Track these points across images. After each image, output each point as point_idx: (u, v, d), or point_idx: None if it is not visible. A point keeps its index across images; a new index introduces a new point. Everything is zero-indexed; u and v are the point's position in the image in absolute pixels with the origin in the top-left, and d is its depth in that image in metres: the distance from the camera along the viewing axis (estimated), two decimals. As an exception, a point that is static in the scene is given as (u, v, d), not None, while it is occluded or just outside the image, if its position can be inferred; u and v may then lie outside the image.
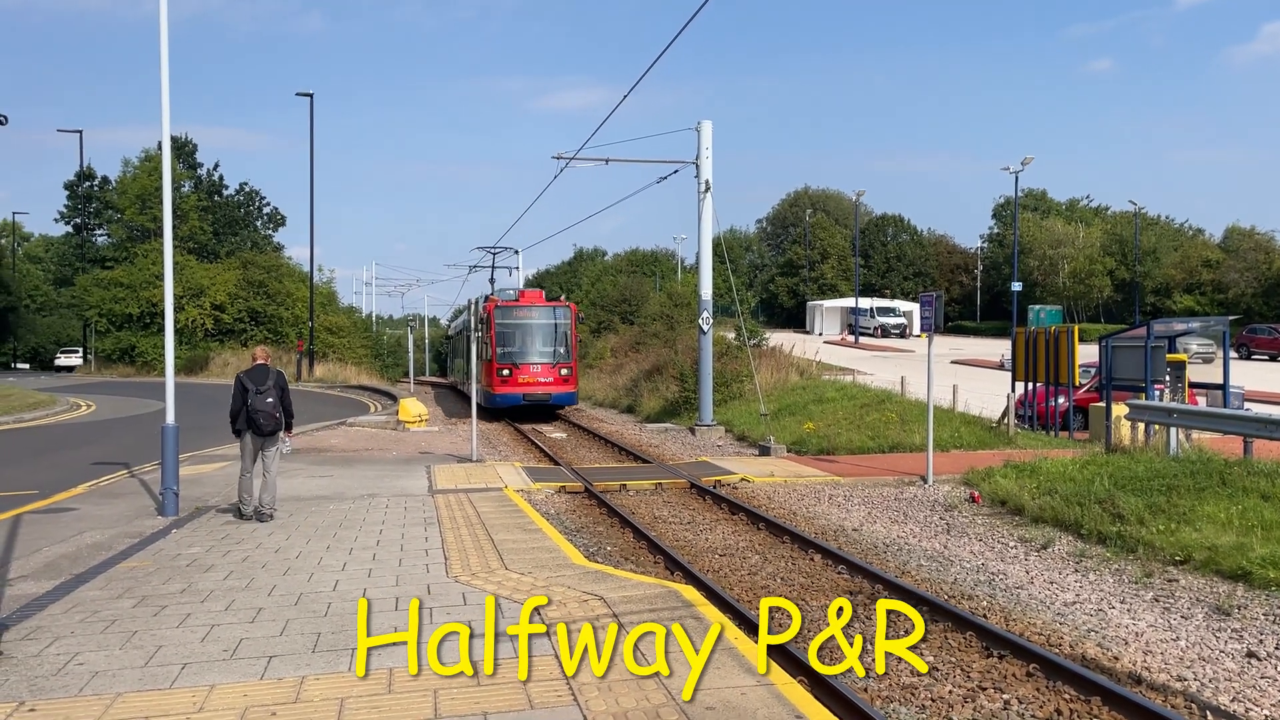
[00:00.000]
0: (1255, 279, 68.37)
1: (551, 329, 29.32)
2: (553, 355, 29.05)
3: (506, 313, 29.19)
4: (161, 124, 12.52)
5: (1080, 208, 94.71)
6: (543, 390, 28.68)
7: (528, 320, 29.22)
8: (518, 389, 28.39)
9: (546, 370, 28.79)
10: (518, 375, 28.42)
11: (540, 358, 28.91)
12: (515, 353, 28.70)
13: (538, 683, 5.96)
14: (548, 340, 29.20)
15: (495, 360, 28.54)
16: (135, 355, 61.91)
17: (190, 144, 70.22)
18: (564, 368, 29.06)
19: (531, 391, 28.53)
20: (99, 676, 6.20)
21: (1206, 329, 25.22)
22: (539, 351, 28.97)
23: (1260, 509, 10.91)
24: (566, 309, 29.94)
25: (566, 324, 29.53)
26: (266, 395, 11.47)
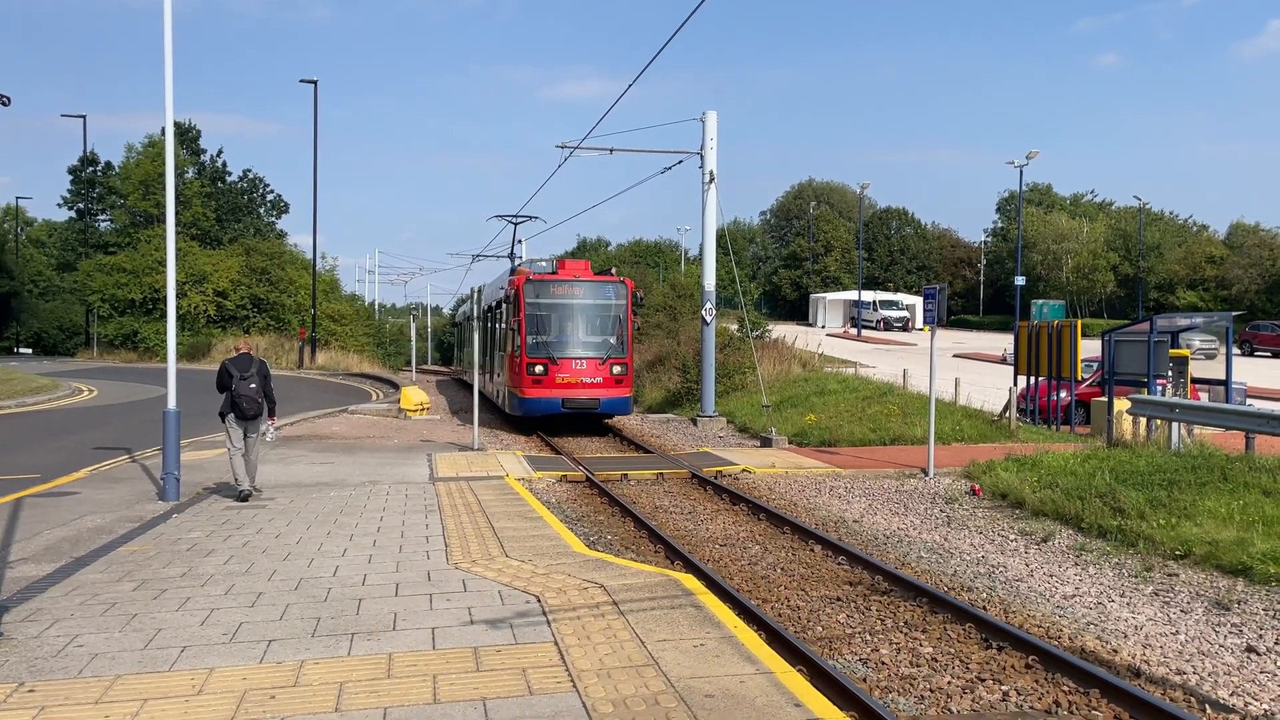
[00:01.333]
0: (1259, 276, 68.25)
1: (602, 312, 22.22)
2: (602, 347, 21.84)
3: (541, 289, 21.89)
4: (165, 110, 12.51)
5: (1084, 203, 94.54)
6: (589, 394, 21.50)
7: (570, 299, 22.08)
8: (555, 392, 21.32)
9: (594, 367, 21.55)
10: (555, 373, 21.26)
11: (586, 350, 21.71)
12: (552, 343, 21.61)
13: (537, 669, 5.97)
14: (596, 326, 22.11)
15: (525, 353, 21.27)
16: (138, 341, 61.90)
17: (194, 130, 70.14)
18: (616, 364, 21.80)
19: (574, 396, 21.39)
20: (98, 658, 6.21)
21: (1209, 325, 25.13)
22: (584, 342, 21.84)
23: (1261, 504, 10.90)
24: (621, 285, 22.50)
25: (621, 306, 22.26)
26: (250, 381, 12.13)
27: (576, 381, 21.43)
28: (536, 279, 22.08)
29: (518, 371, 21.65)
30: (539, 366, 21.35)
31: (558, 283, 22.23)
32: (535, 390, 21.36)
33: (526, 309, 21.63)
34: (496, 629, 6.79)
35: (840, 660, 7.41)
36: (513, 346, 21.96)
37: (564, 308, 22.03)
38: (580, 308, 22.10)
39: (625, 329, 22.20)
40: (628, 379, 22.29)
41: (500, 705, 5.41)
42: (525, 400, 21.50)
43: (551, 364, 21.34)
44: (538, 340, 21.59)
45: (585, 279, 22.59)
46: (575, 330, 21.96)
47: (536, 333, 21.64)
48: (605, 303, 22.29)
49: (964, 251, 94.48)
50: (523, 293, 21.68)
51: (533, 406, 21.55)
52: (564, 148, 24.64)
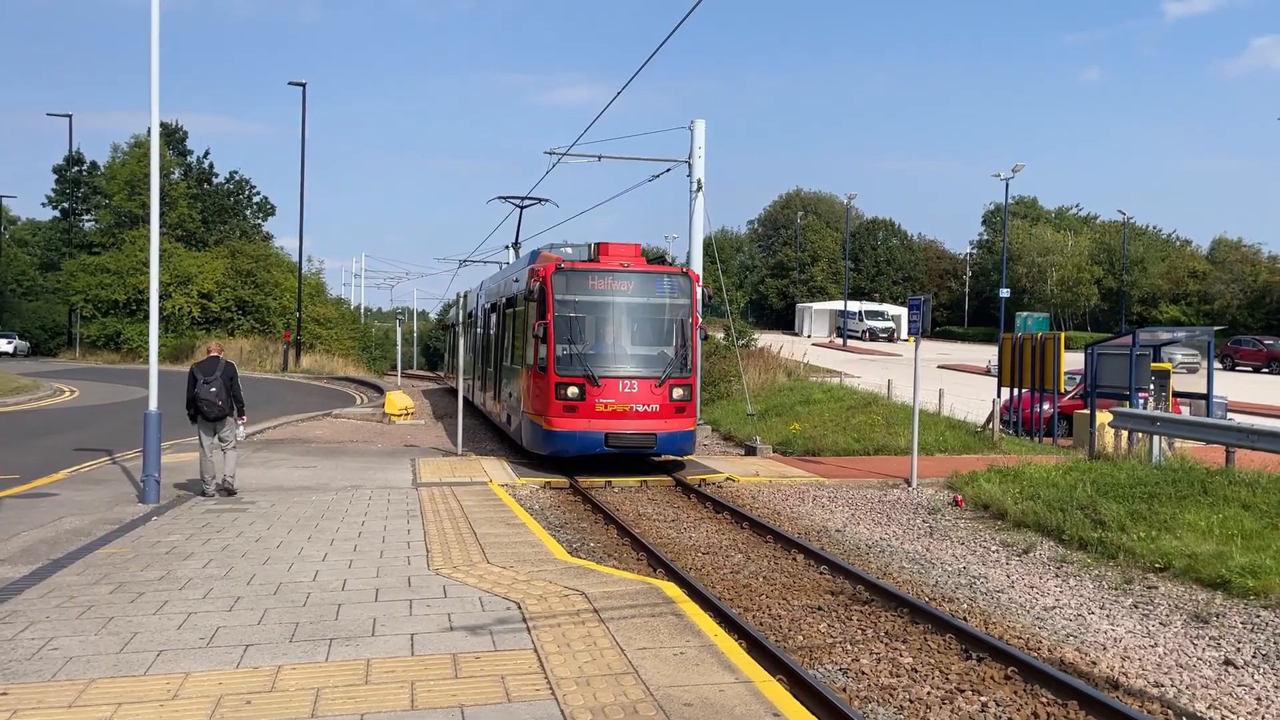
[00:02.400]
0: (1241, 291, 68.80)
1: (659, 314, 16.79)
2: (659, 362, 16.39)
3: (577, 282, 16.36)
4: (151, 110, 12.45)
5: (1069, 216, 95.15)
6: (642, 427, 15.98)
7: (616, 296, 16.54)
8: (596, 423, 15.84)
9: (648, 390, 16.05)
10: (596, 398, 15.83)
11: (638, 366, 16.29)
12: (592, 356, 16.12)
13: (516, 676, 5.94)
14: (651, 334, 16.76)
15: (554, 368, 15.93)
16: (121, 342, 61.49)
17: (180, 131, 69.81)
18: (678, 385, 16.28)
19: (621, 429, 15.88)
20: (73, 662, 6.16)
21: (1191, 339, 25.32)
22: (635, 355, 16.44)
23: (1240, 518, 10.97)
24: (685, 279, 16.97)
25: (684, 307, 16.72)
26: (211, 385, 12.51)
27: (625, 410, 15.83)
28: (570, 268, 16.38)
29: (543, 394, 16.06)
30: (572, 388, 15.77)
31: (599, 273, 16.48)
32: (567, 421, 15.78)
33: (557, 308, 16.02)
34: (476, 635, 6.76)
35: (820, 670, 7.41)
36: (535, 359, 16.28)
37: (608, 308, 16.43)
38: (630, 308, 16.52)
39: (690, 338, 16.71)
40: (691, 406, 16.62)
41: (478, 712, 5.39)
42: (553, 435, 15.86)
43: (590, 385, 15.71)
44: (572, 352, 15.94)
45: (637, 269, 16.70)
46: (623, 339, 16.42)
47: (570, 341, 15.99)
48: (663, 301, 16.69)
49: (950, 263, 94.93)
50: (551, 286, 16.08)
51: (564, 443, 15.85)
52: (552, 154, 24.63)
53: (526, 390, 17.12)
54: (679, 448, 16.58)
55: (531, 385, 16.74)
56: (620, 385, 15.97)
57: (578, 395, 15.82)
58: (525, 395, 17.17)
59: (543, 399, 16.15)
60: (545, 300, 16.15)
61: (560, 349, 16.04)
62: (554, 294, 16.14)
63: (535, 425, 16.52)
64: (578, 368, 15.92)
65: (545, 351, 16.06)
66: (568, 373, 15.90)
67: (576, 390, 15.83)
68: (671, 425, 16.13)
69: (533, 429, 16.72)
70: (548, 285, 16.19)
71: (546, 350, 16.03)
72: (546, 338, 16.01)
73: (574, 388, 15.85)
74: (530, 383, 16.83)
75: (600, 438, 15.74)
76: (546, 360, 16.02)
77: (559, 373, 15.88)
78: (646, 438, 15.92)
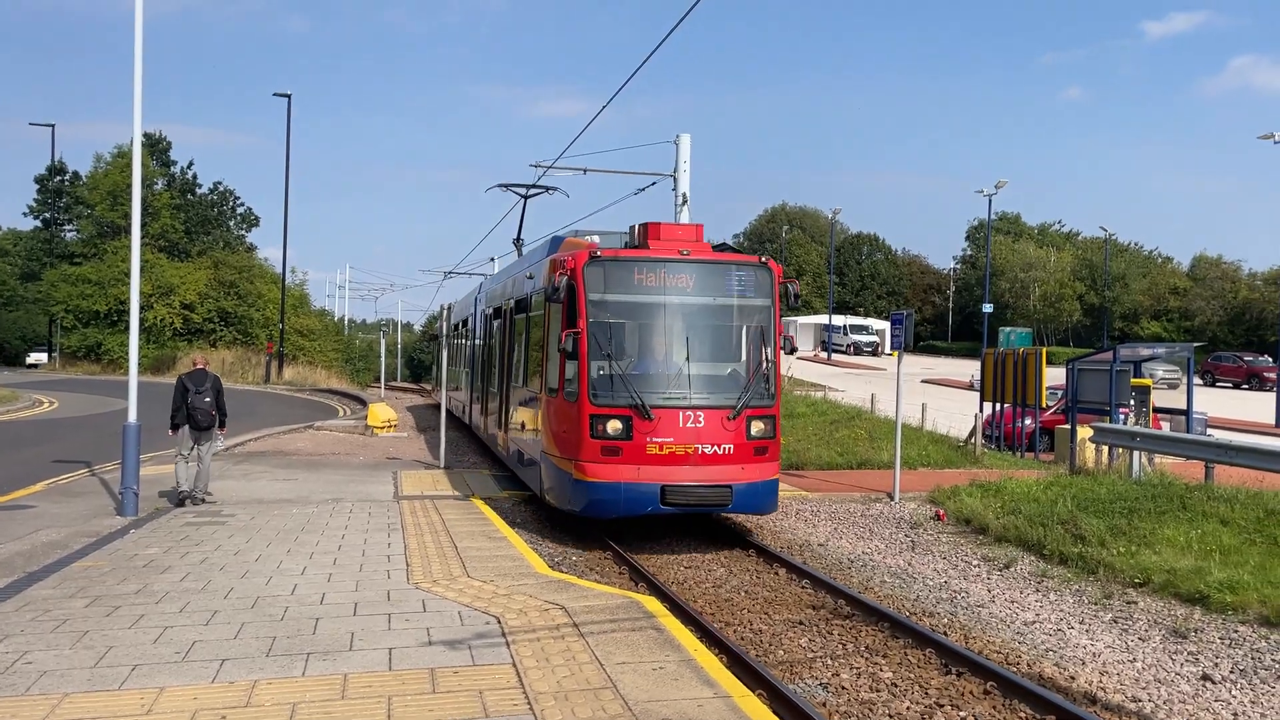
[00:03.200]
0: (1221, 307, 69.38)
1: (732, 319, 12.71)
2: (733, 386, 12.22)
3: (619, 275, 12.21)
4: (134, 120, 12.41)
5: (1052, 232, 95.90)
6: (711, 475, 11.72)
7: (672, 295, 12.33)
8: (649, 471, 11.64)
9: (718, 425, 11.85)
10: (648, 436, 11.67)
11: (703, 392, 12.06)
12: (639, 377, 11.98)
13: (494, 691, 5.91)
14: (723, 347, 12.74)
15: (587, 396, 11.81)
16: (101, 353, 61.10)
17: (164, 141, 69.56)
18: (759, 418, 12.13)
19: (684, 480, 11.61)
20: (47, 676, 6.09)
21: (1172, 355, 25.51)
22: (700, 377, 12.16)
23: (1219, 533, 11.03)
24: (765, 271, 12.66)
25: (765, 310, 12.58)
26: (204, 395, 12.89)
27: (688, 452, 11.59)
28: (610, 257, 12.15)
29: (572, 430, 11.92)
30: (614, 422, 11.60)
31: (649, 264, 12.20)
32: (608, 468, 11.56)
33: (592, 312, 11.88)
34: (455, 650, 6.73)
35: (800, 684, 7.40)
36: (560, 382, 12.24)
37: (662, 311, 12.20)
38: (692, 312, 12.30)
39: (772, 352, 12.47)
40: (775, 447, 12.31)
41: (455, 727, 5.36)
42: (589, 487, 11.63)
43: (640, 418, 11.54)
44: (612, 372, 11.75)
45: (700, 258, 12.40)
46: (683, 354, 12.08)
47: (610, 357, 11.79)
48: (737, 301, 12.50)
49: (934, 278, 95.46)
50: (584, 282, 11.93)
51: (604, 499, 11.63)
52: (537, 166, 24.56)
53: (548, 423, 12.71)
54: (760, 503, 12.02)
55: (556, 417, 12.41)
56: (681, 418, 11.62)
57: (621, 432, 11.56)
58: (546, 430, 12.77)
59: (572, 437, 11.86)
60: (575, 301, 11.89)
61: (596, 368, 11.75)
62: (587, 292, 11.89)
63: (561, 473, 12.11)
64: (621, 394, 11.60)
65: (575, 371, 11.84)
66: (607, 401, 11.61)
67: (620, 425, 11.55)
68: (750, 473, 11.77)
69: (558, 478, 12.23)
70: (578, 281, 11.89)
71: (577, 369, 11.79)
72: (577, 352, 11.75)
73: (616, 421, 11.56)
74: (554, 414, 12.48)
75: (654, 492, 11.37)
76: (577, 383, 11.78)
77: (596, 401, 11.62)
78: (719, 491, 11.53)
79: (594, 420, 11.68)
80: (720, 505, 11.78)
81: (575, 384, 11.89)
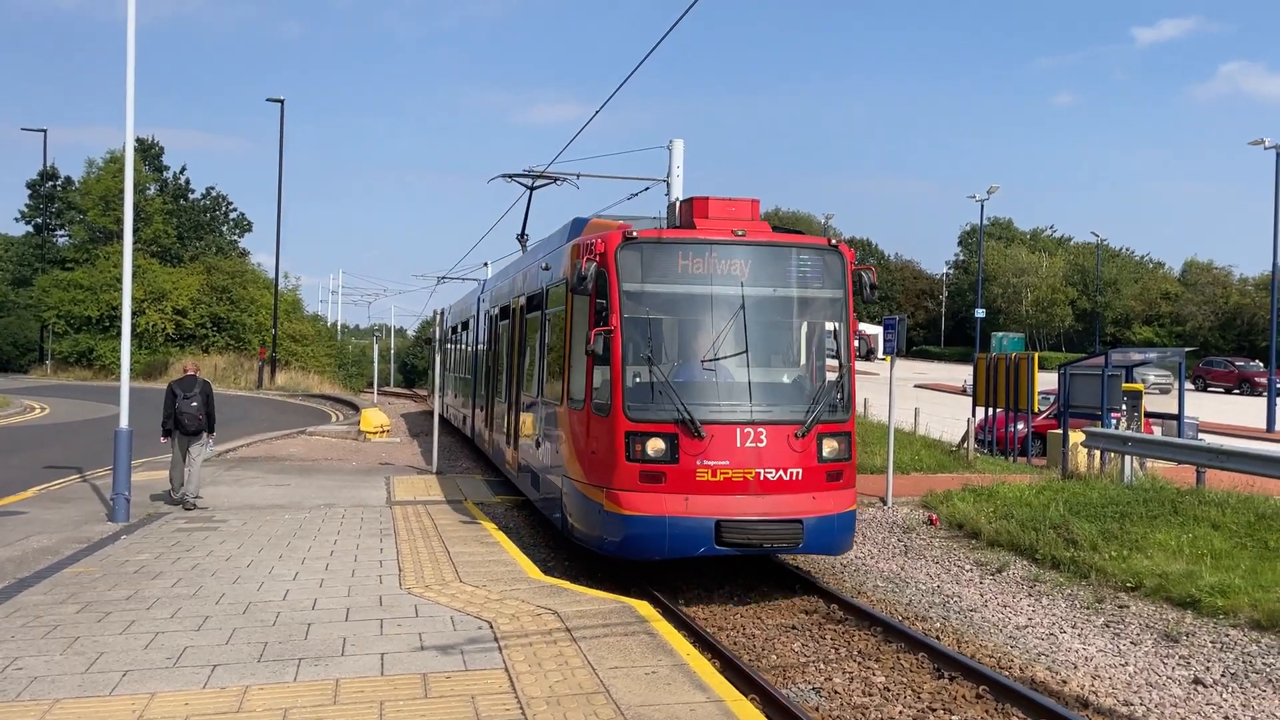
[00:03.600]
0: (1212, 312, 69.64)
1: (798, 314, 10.80)
2: (800, 396, 10.28)
3: (661, 261, 10.18)
4: (125, 125, 12.38)
5: (1044, 237, 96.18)
6: (776, 508, 9.52)
7: (725, 285, 10.15)
8: (698, 503, 9.47)
9: (784, 446, 9.70)
10: (698, 458, 9.52)
11: (765, 404, 9.91)
12: (687, 385, 9.91)
13: (486, 696, 5.91)
14: (787, 349, 11.03)
15: (622, 408, 9.73)
16: (93, 359, 60.92)
17: (156, 146, 69.44)
18: (832, 435, 10.02)
19: (743, 513, 9.43)
20: (38, 682, 6.07)
21: (1163, 360, 25.61)
22: (761, 386, 10.10)
23: (1210, 538, 11.07)
24: (835, 257, 10.57)
25: (838, 303, 10.60)
26: (192, 400, 13.06)
27: (747, 478, 9.52)
28: (648, 239, 10.12)
29: (603, 451, 9.92)
30: (656, 441, 9.59)
31: (697, 247, 10.10)
32: (649, 498, 9.53)
33: (627, 306, 9.91)
34: (447, 655, 6.72)
35: (793, 689, 7.40)
36: (587, 390, 10.25)
37: (713, 305, 10.11)
38: (751, 306, 10.07)
39: (846, 354, 10.50)
40: (851, 470, 10.24)
41: (448, 733, 5.35)
42: (625, 522, 9.59)
43: (688, 436, 9.52)
44: (653, 379, 9.76)
45: (759, 240, 10.30)
46: (739, 357, 9.99)
47: (650, 361, 9.81)
48: (804, 293, 10.53)
49: (926, 283, 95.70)
50: (617, 269, 9.94)
51: (646, 536, 9.56)
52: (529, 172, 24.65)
53: (571, 442, 10.67)
54: (835, 541, 9.88)
55: (581, 435, 10.35)
56: (739, 437, 9.53)
57: (665, 454, 9.50)
58: (569, 450, 10.74)
59: (603, 459, 9.84)
60: (606, 293, 9.89)
61: (633, 374, 9.76)
62: (621, 282, 9.87)
63: (588, 504, 10.09)
64: (664, 407, 9.58)
65: (606, 378, 9.88)
66: (647, 415, 9.60)
67: (663, 445, 9.51)
68: (823, 503, 9.67)
69: (585, 509, 10.21)
70: (610, 268, 9.88)
71: (609, 376, 9.82)
72: (608, 356, 9.77)
73: (658, 441, 9.52)
74: (579, 430, 10.43)
75: (707, 529, 9.28)
76: (609, 394, 9.79)
77: (632, 415, 9.60)
78: (786, 528, 9.40)
79: (630, 439, 9.56)
80: (788, 545, 9.46)
81: (606, 394, 9.84)
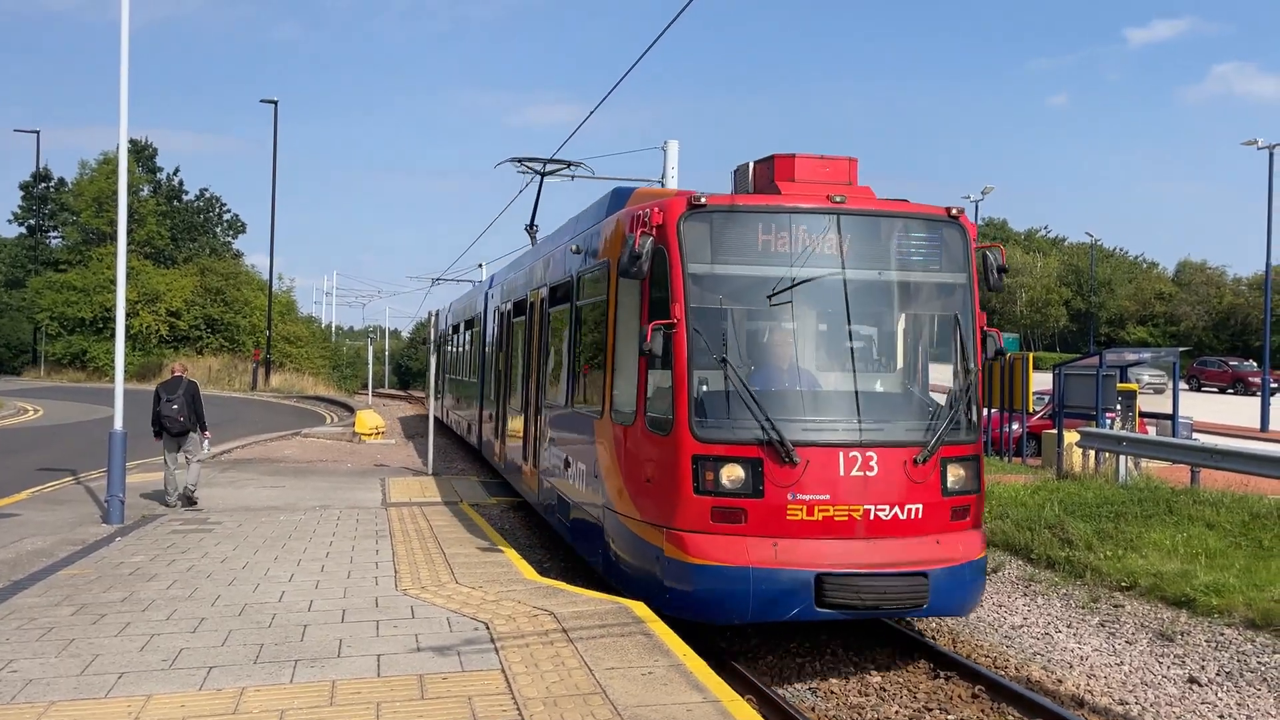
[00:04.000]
0: (1206, 313, 69.82)
1: (907, 303, 8.66)
2: (916, 409, 8.39)
3: (738, 234, 7.97)
4: (119, 126, 12.36)
5: (1038, 238, 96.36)
6: (894, 556, 7.39)
7: (821, 265, 7.93)
8: (791, 550, 7.33)
9: (899, 474, 7.56)
10: (790, 490, 7.38)
11: (874, 419, 7.76)
12: (771, 394, 7.76)
13: (483, 697, 5.90)
14: (895, 349, 8.86)
15: (689, 424, 7.63)
16: (87, 360, 60.81)
17: (150, 148, 69.33)
18: (958, 461, 7.92)
19: (852, 564, 7.29)
20: (33, 684, 6.05)
21: (1157, 360, 25.67)
22: (868, 397, 7.97)
23: (1205, 537, 11.09)
24: (955, 231, 8.29)
25: (961, 290, 8.36)
26: (174, 402, 13.13)
27: (853, 517, 7.50)
28: (722, 206, 8.09)
29: (663, 480, 7.94)
30: (734, 466, 7.61)
31: (783, 217, 8.08)
32: (725, 542, 7.53)
33: (693, 291, 7.90)
34: (443, 656, 6.71)
35: (789, 689, 7.41)
36: (639, 402, 8.29)
37: (804, 292, 8.01)
38: (852, 293, 8.16)
39: (972, 359, 8.40)
40: (978, 504, 8.25)
41: (444, 734, 5.35)
42: (696, 573, 7.57)
43: (776, 461, 7.51)
44: (729, 388, 7.75)
45: (862, 209, 8.26)
46: (839, 360, 8.22)
47: (724, 362, 7.74)
48: (914, 279, 8.54)
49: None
50: (681, 243, 7.95)
51: (723, 593, 7.50)
52: (525, 171, 24.64)
53: (618, 465, 8.59)
54: (965, 598, 7.82)
55: (632, 457, 8.36)
56: (842, 462, 7.50)
57: (745, 485, 7.49)
58: (615, 475, 8.67)
59: (662, 489, 7.86)
60: (667, 276, 7.86)
61: (702, 380, 7.79)
62: (686, 261, 7.83)
63: (644, 547, 8.06)
64: (745, 423, 7.55)
65: (665, 385, 7.88)
66: (721, 433, 7.62)
67: (743, 473, 7.50)
68: (950, 548, 7.64)
69: (638, 553, 8.20)
70: (672, 243, 7.86)
71: (670, 383, 7.81)
72: (670, 356, 7.69)
73: (737, 467, 7.52)
74: (628, 451, 8.42)
75: (804, 585, 7.26)
76: (670, 405, 7.79)
77: (702, 433, 7.62)
78: (909, 584, 7.33)
79: (699, 464, 7.51)
80: (910, 606, 7.35)
81: (666, 406, 7.83)
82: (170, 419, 13.08)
